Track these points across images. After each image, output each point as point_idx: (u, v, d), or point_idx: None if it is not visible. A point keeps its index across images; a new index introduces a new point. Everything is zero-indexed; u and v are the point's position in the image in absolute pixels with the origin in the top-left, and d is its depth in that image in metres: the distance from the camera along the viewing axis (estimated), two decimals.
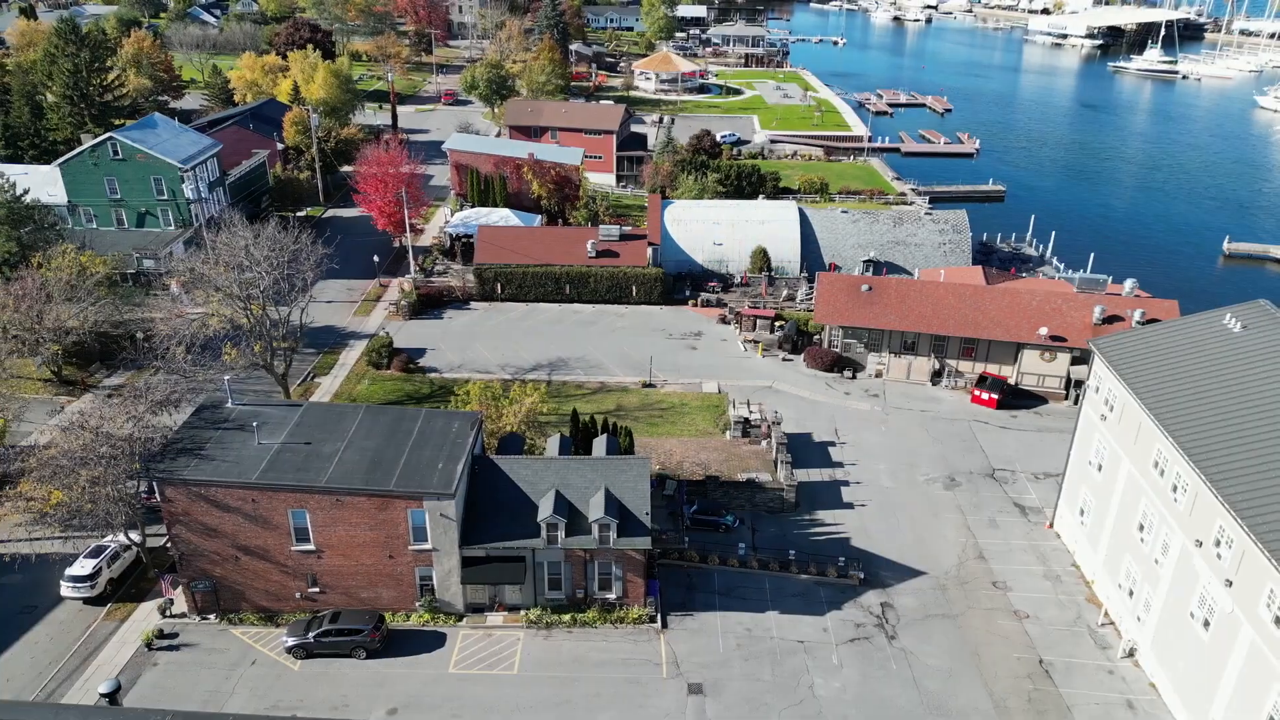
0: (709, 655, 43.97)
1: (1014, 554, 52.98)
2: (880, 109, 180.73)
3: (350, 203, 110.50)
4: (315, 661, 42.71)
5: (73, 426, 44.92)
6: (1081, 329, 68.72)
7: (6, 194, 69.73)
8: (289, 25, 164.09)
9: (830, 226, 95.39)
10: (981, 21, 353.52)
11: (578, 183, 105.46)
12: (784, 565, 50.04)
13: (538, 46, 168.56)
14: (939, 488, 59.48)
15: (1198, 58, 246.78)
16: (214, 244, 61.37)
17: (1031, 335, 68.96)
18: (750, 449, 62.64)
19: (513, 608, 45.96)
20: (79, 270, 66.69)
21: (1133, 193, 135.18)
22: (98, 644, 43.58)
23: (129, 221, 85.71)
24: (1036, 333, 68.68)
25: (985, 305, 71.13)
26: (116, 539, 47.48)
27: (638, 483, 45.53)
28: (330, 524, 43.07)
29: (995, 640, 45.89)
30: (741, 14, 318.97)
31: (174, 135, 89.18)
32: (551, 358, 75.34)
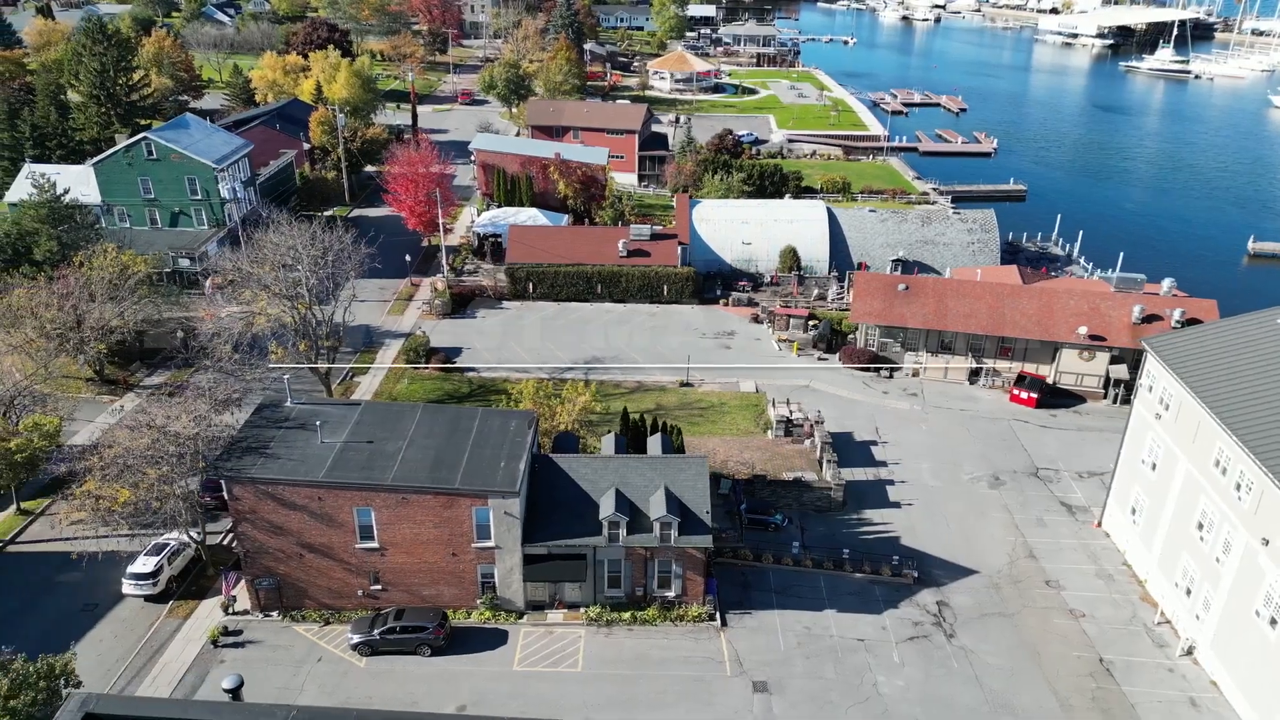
0: (770, 653, 44.14)
1: (1064, 553, 53.11)
2: (895, 108, 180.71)
3: (376, 202, 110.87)
4: (380, 659, 42.91)
5: (139, 425, 45.11)
6: (1120, 329, 68.86)
7: (47, 193, 69.87)
8: (307, 25, 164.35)
9: (858, 226, 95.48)
10: (990, 21, 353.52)
11: (604, 182, 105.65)
12: (838, 564, 50.20)
13: (554, 46, 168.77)
14: (984, 487, 59.62)
15: (1209, 57, 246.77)
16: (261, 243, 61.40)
17: (1070, 335, 69.08)
18: (794, 448, 62.81)
19: (572, 605, 46.14)
20: (120, 269, 66.78)
21: (1154, 193, 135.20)
22: (163, 641, 43.78)
23: (162, 221, 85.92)
24: (1076, 332, 68.81)
25: (1023, 305, 71.25)
26: (176, 537, 47.68)
27: (697, 481, 45.71)
28: (395, 522, 43.28)
29: (1053, 639, 46.03)
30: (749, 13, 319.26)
31: (206, 135, 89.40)
32: (587, 357, 75.50)
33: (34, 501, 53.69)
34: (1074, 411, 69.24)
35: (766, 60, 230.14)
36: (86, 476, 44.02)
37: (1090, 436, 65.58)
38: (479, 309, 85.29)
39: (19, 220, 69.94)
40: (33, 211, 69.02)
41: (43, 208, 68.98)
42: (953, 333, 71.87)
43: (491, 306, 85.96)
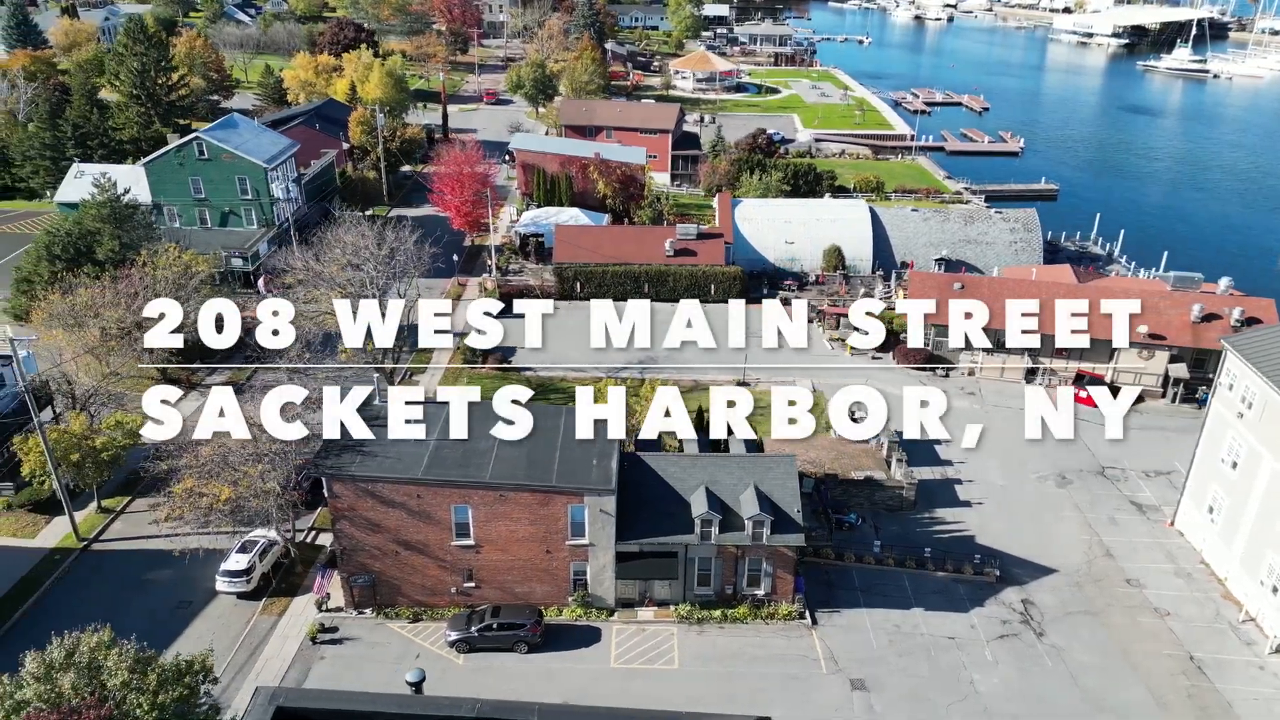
0: (863, 651, 44.35)
1: (1140, 551, 53.28)
2: (918, 108, 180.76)
3: (413, 201, 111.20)
4: (477, 655, 43.16)
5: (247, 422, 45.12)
6: (1180, 328, 68.97)
7: (108, 193, 70.13)
8: (333, 25, 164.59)
9: (901, 225, 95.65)
10: (1002, 20, 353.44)
11: (643, 182, 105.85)
12: (919, 563, 50.40)
13: (578, 46, 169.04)
14: (1051, 485, 59.80)
15: (1227, 57, 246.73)
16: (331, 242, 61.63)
17: (1130, 333, 69.04)
18: (859, 447, 62.88)
19: (661, 603, 46.36)
20: (184, 269, 66.99)
21: (1186, 192, 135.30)
22: (260, 638, 44.05)
23: (212, 221, 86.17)
24: (1136, 331, 68.88)
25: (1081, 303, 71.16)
26: (265, 534, 47.94)
27: (786, 480, 45.92)
28: (491, 519, 43.50)
29: (1141, 637, 46.21)
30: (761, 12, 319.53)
31: (255, 135, 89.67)
32: (641, 356, 75.49)
33: (113, 499, 53.95)
34: (1135, 411, 69.16)
35: (784, 60, 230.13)
36: (184, 474, 44.20)
37: (1153, 435, 65.69)
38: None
39: (80, 220, 70.15)
40: (94, 211, 69.25)
41: (104, 207, 69.21)
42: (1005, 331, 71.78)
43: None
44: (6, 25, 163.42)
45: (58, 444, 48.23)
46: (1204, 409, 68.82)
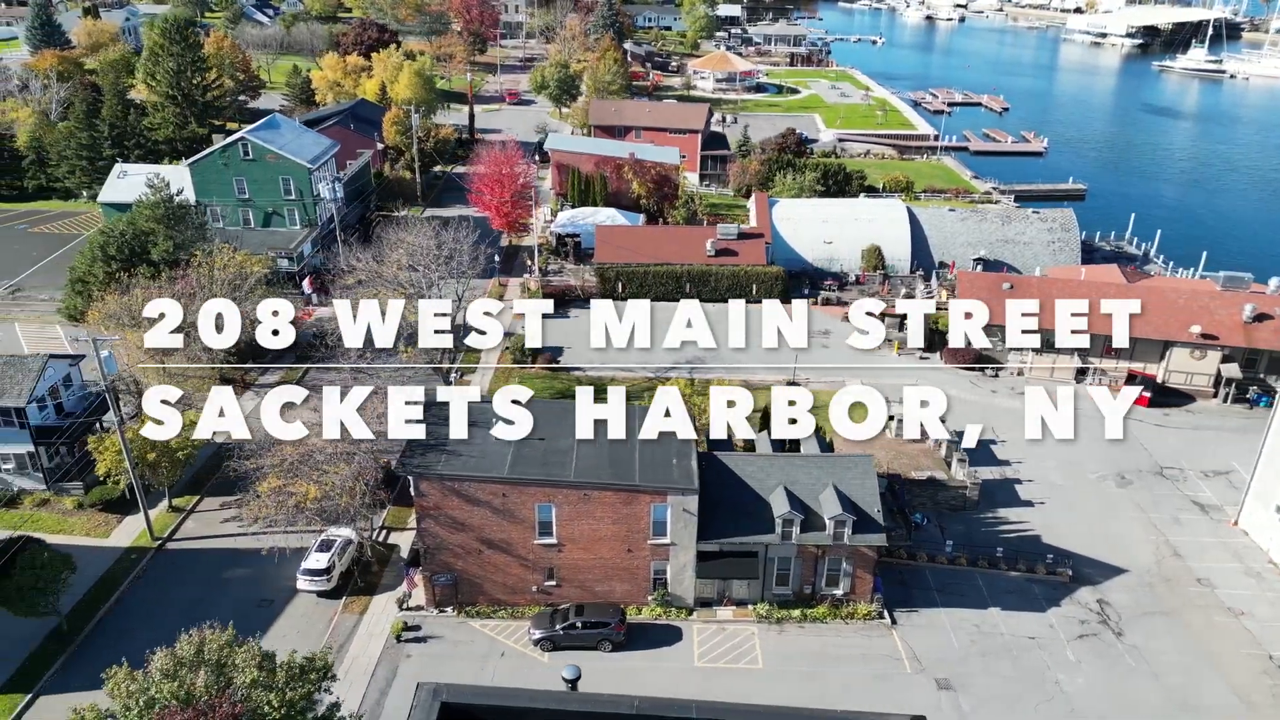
0: (945, 651, 44.45)
1: (1207, 551, 53.34)
2: (938, 108, 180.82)
3: (445, 201, 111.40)
4: (562, 654, 43.19)
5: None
6: (1232, 328, 69.04)
7: (162, 193, 70.29)
8: (356, 26, 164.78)
9: (939, 225, 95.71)
10: (1012, 20, 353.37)
11: (677, 182, 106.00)
12: (992, 563, 50.48)
13: (600, 46, 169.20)
14: (1111, 485, 59.86)
15: (1243, 57, 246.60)
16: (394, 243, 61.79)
17: (1182, 333, 69.26)
18: (917, 447, 62.96)
19: (739, 602, 46.46)
20: (239, 269, 67.16)
21: (1212, 193, 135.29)
22: (345, 637, 44.19)
23: (255, 221, 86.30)
24: (1188, 330, 69.00)
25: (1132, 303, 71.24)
26: (342, 532, 48.07)
27: (865, 480, 46.02)
28: (575, 518, 43.62)
29: (1219, 637, 46.29)
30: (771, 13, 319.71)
31: (297, 136, 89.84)
32: (689, 356, 75.53)
33: (183, 499, 54.11)
34: (1186, 410, 69.40)
35: (800, 60, 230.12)
36: (268, 473, 44.34)
37: (1208, 435, 65.78)
38: (570, 309, 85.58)
39: (134, 220, 70.32)
40: (148, 211, 69.40)
41: (158, 207, 69.36)
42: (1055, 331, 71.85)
43: (582, 306, 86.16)
44: (30, 25, 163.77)
45: (134, 443, 48.35)
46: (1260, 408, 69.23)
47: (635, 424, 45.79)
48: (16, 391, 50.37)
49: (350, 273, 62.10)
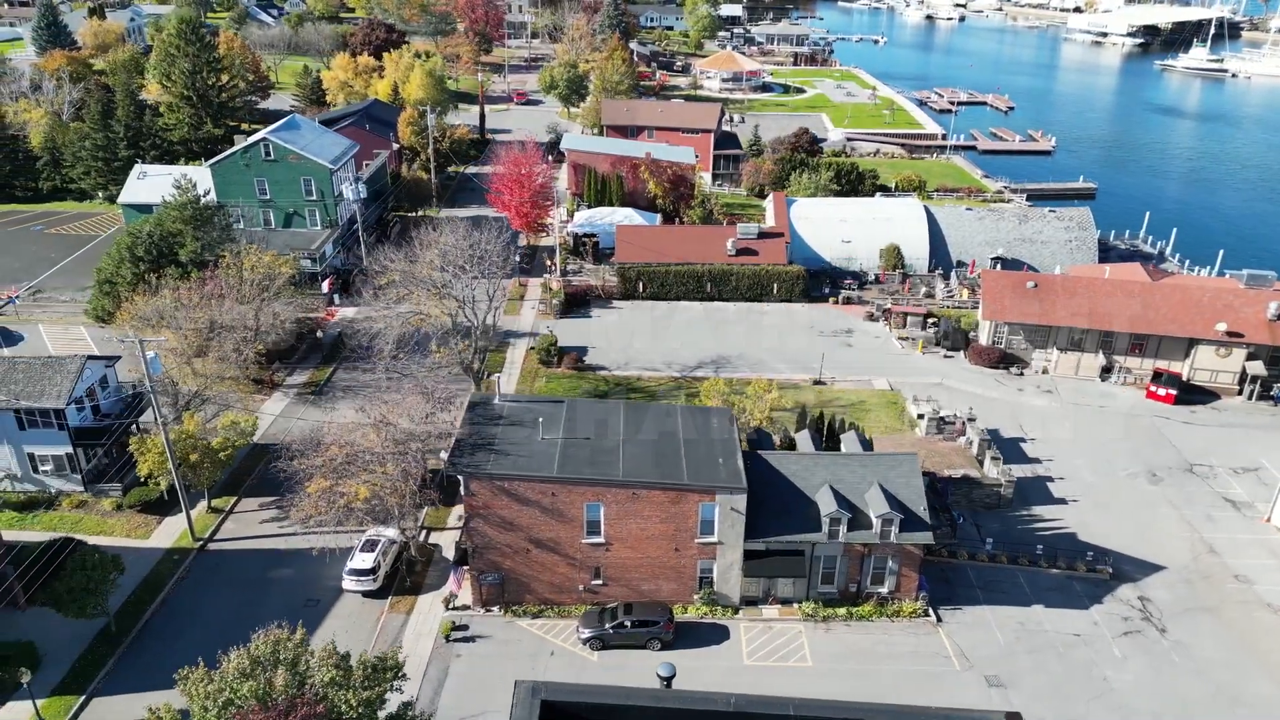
0: (992, 648, 44.63)
1: (1242, 548, 53.59)
2: (943, 107, 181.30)
3: (461, 202, 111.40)
4: (611, 653, 43.34)
5: (380, 423, 45.40)
6: (1257, 325, 69.35)
7: (189, 194, 70.20)
8: (364, 26, 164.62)
9: (956, 224, 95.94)
10: (1012, 20, 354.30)
11: (693, 182, 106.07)
12: (1032, 560, 50.66)
13: (608, 46, 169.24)
14: (1143, 482, 60.10)
15: (1244, 56, 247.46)
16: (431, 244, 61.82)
17: (1208, 331, 69.55)
18: (948, 445, 63.20)
19: (784, 601, 46.57)
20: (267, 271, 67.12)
21: (1223, 191, 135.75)
22: (393, 636, 44.19)
23: (276, 221, 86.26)
24: (1214, 328, 69.28)
25: (1156, 301, 71.71)
26: (386, 532, 48.08)
27: (910, 478, 46.18)
28: (623, 517, 43.68)
29: (1261, 633, 46.52)
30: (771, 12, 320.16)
31: (318, 136, 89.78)
32: (714, 355, 75.90)
33: (221, 499, 54.07)
34: (1211, 408, 69.70)
35: (804, 59, 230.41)
36: (315, 474, 44.34)
37: (1236, 433, 66.08)
38: (592, 308, 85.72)
39: (161, 221, 70.21)
40: (176, 212, 69.30)
41: (186, 208, 69.26)
42: (1083, 329, 72.34)
43: (603, 306, 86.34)
44: (37, 26, 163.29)
45: (177, 444, 48.33)
46: None
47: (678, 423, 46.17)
48: (55, 393, 50.27)
49: (383, 273, 62.01)
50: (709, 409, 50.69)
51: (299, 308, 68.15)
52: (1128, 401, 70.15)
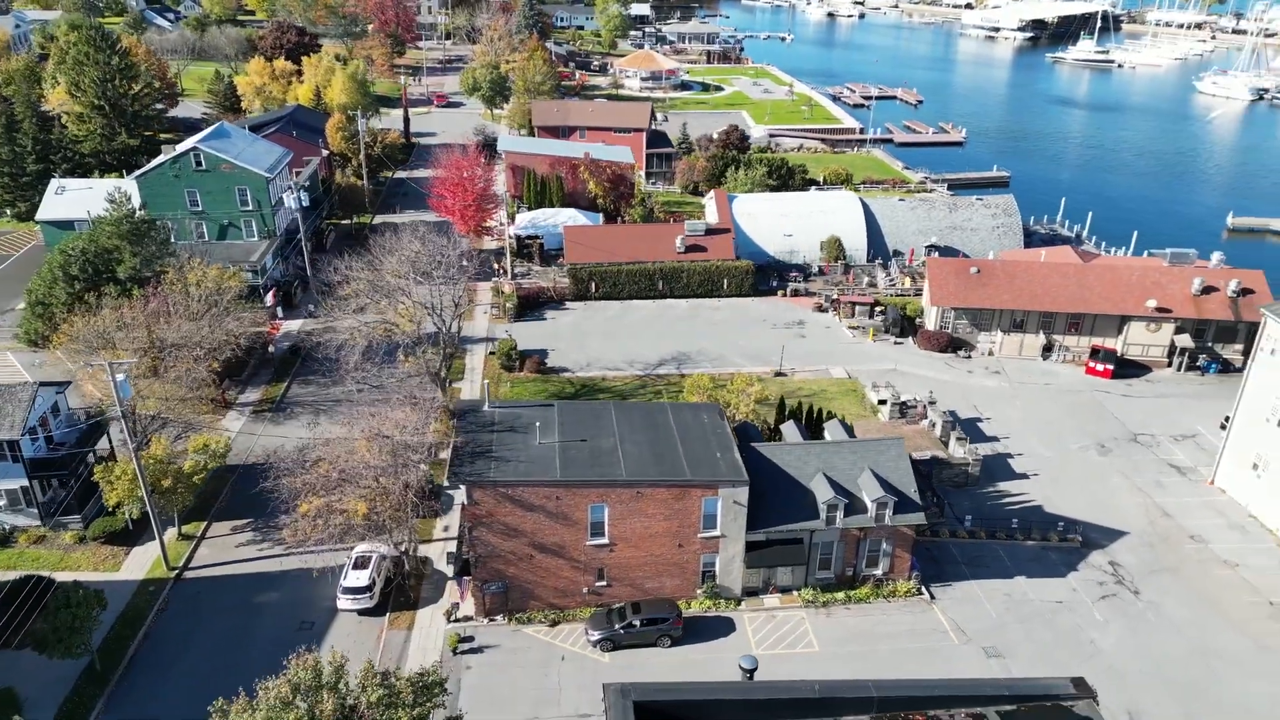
0: (984, 621, 46.39)
1: (1192, 510, 57.01)
2: (856, 102, 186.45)
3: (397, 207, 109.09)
4: (622, 653, 43.35)
5: (377, 436, 44.13)
6: (1183, 300, 73.76)
7: (125, 209, 66.85)
8: (274, 29, 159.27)
9: (890, 214, 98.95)
10: (908, 17, 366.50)
11: (633, 181, 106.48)
12: (1009, 534, 52.84)
13: (527, 46, 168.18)
14: (1094, 454, 63.25)
15: (1127, 47, 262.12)
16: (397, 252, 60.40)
17: (1139, 308, 73.64)
18: (912, 428, 65.30)
19: (784, 589, 47.41)
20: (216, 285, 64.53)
21: (1126, 176, 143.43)
22: (397, 653, 43.15)
23: (210, 234, 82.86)
24: (1145, 305, 73.39)
25: (1089, 282, 75.53)
26: (375, 548, 46.90)
27: (899, 462, 47.59)
28: (627, 516, 43.71)
29: (1222, 589, 49.63)
30: (678, 11, 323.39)
31: (249, 144, 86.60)
32: (674, 352, 76.47)
33: (191, 525, 51.79)
34: (1146, 380, 73.81)
35: (716, 57, 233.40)
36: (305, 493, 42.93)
37: (1171, 402, 70.15)
38: (546, 310, 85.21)
39: (95, 237, 66.64)
40: (112, 227, 65.91)
41: (122, 223, 65.95)
42: (1025, 311, 75.64)
43: (556, 308, 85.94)
44: None
45: (147, 469, 46.08)
46: (1210, 375, 74.22)
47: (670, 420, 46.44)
48: (8, 423, 47.31)
49: (345, 282, 60.33)
50: (698, 405, 51.17)
51: (248, 322, 65.67)
52: (1069, 378, 73.70)
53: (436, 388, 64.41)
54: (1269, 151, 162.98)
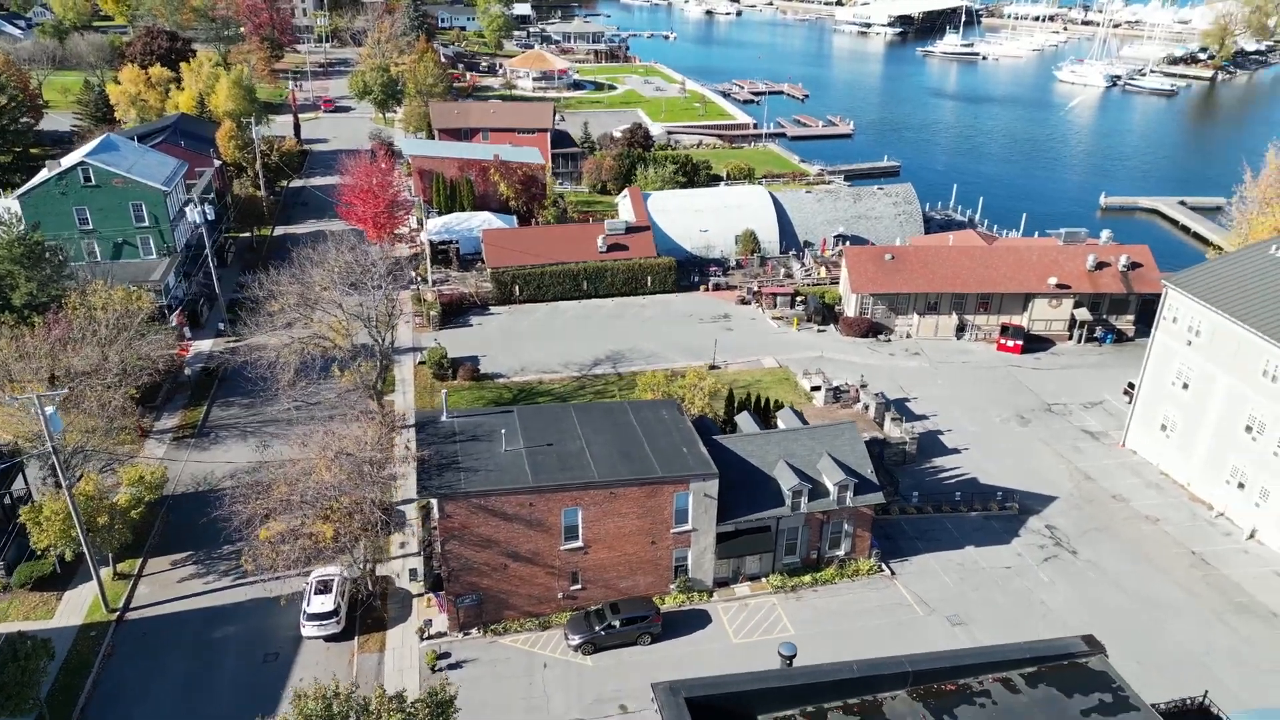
0: (944, 591, 48.39)
1: (1110, 472, 60.96)
2: (745, 98, 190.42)
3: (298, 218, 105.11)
4: (605, 654, 43.18)
5: (340, 455, 42.25)
6: (1080, 276, 78.62)
7: (16, 230, 62.03)
8: (143, 34, 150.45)
9: (798, 206, 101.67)
10: (782, 13, 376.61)
11: (544, 182, 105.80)
12: (953, 507, 55.25)
13: (416, 48, 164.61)
14: (1016, 425, 66.78)
15: (989, 41, 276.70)
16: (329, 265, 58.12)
17: (1042, 285, 78.07)
18: (847, 412, 67.39)
19: (753, 577, 48.22)
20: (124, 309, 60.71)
21: (1006, 162, 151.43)
22: (372, 677, 41.66)
23: (103, 253, 77.80)
24: (1047, 282, 77.87)
25: (995, 263, 79.59)
26: (334, 571, 45.16)
27: (854, 444, 49.08)
28: (601, 518, 43.54)
29: (1148, 542, 53.28)
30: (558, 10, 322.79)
31: (141, 157, 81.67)
32: (607, 351, 76.55)
33: (126, 563, 48.63)
34: (1051, 353, 78.32)
35: (604, 56, 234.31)
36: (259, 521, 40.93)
37: (1076, 373, 74.68)
38: (470, 316, 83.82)
39: None
40: (4, 251, 61.01)
41: (15, 246, 61.19)
42: (938, 294, 79.11)
43: (481, 313, 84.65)
44: None
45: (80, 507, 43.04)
46: (1107, 345, 79.38)
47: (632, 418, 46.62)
48: None
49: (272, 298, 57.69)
50: (656, 402, 51.42)
51: (163, 344, 62.07)
52: (983, 355, 77.50)
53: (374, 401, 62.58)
54: (1128, 134, 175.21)
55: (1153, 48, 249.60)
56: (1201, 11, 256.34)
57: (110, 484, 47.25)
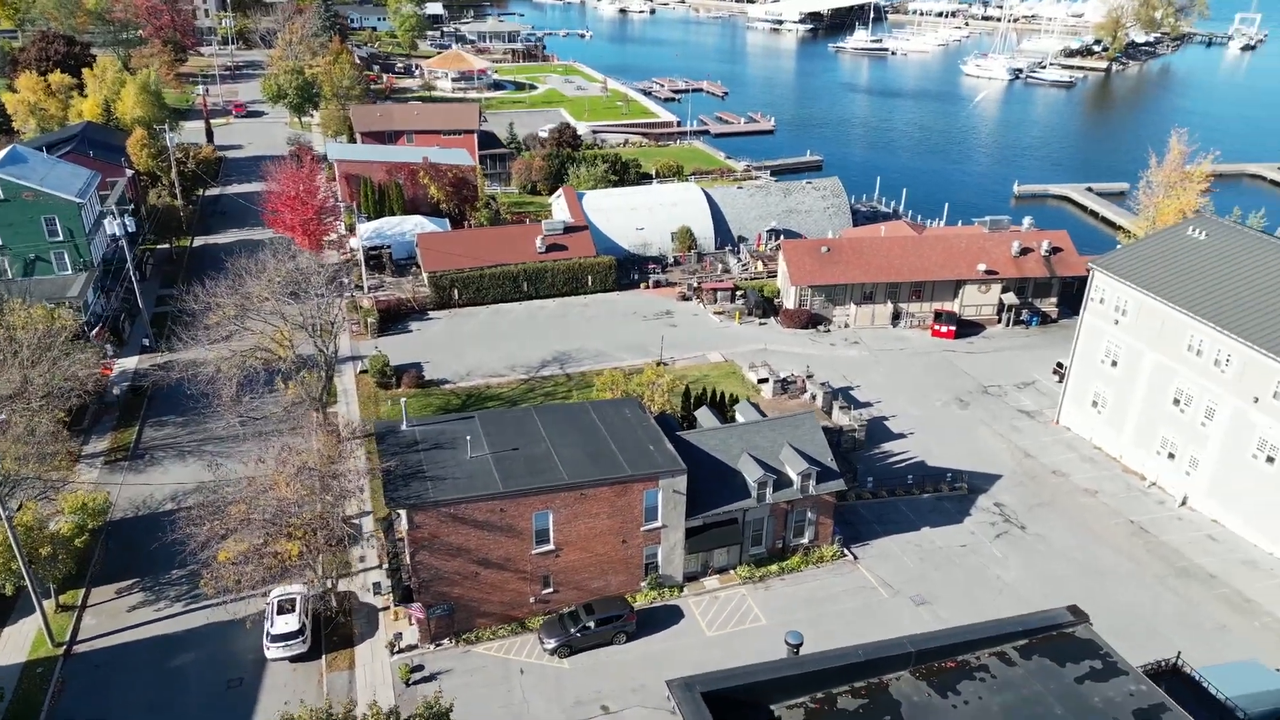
0: (905, 573, 49.66)
1: (1047, 448, 63.49)
2: (666, 95, 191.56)
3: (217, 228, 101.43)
4: (581, 656, 42.97)
5: (303, 469, 40.78)
6: (1006, 262, 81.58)
7: None
8: (38, 40, 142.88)
9: (731, 202, 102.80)
10: (695, 11, 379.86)
11: (475, 184, 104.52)
12: (906, 490, 56.74)
13: (330, 49, 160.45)
14: (955, 408, 68.96)
15: (897, 36, 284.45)
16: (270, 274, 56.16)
17: (971, 271, 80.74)
18: (795, 402, 68.52)
19: (721, 570, 48.64)
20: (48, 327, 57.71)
21: (921, 154, 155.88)
22: (344, 695, 40.51)
23: (14, 270, 73.69)
24: (976, 269, 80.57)
25: (926, 252, 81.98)
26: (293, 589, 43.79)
27: (814, 434, 49.94)
28: (572, 520, 43.28)
29: (1089, 514, 55.70)
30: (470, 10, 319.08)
31: (51, 168, 77.57)
32: (554, 352, 76.14)
33: (69, 594, 46.22)
34: (983, 337, 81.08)
35: (521, 56, 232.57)
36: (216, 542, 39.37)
37: (1007, 355, 77.49)
38: (409, 322, 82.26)
39: None
40: None
41: None
42: (873, 283, 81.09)
43: (420, 318, 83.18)
44: None
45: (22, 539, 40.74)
46: (1033, 327, 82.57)
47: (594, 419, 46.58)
48: None
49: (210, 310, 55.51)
50: (618, 401, 51.35)
51: (90, 363, 59.19)
52: (919, 342, 79.74)
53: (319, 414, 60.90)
54: (1033, 125, 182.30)
55: (1050, 41, 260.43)
56: (1094, 5, 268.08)
57: (49, 512, 44.82)
